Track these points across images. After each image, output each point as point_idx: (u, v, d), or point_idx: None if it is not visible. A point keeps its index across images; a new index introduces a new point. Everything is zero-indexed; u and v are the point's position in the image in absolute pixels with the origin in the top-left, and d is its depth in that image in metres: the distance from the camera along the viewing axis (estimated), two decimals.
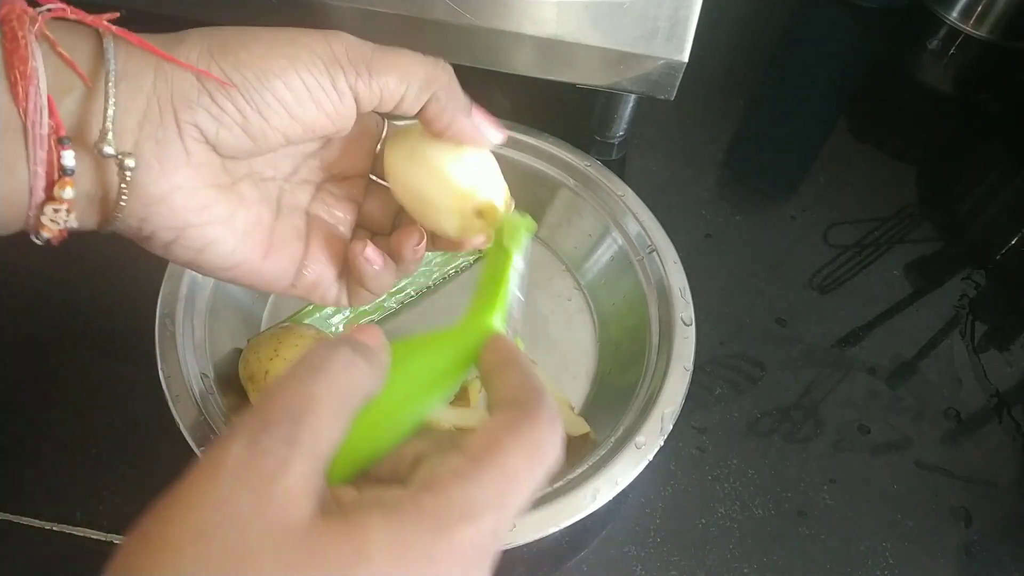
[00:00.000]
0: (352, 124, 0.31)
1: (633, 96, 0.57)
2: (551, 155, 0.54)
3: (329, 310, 0.49)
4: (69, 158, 0.26)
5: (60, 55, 0.26)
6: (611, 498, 0.38)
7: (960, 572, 0.45)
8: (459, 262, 0.53)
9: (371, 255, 0.32)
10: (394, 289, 0.51)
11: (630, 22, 0.45)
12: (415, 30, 0.48)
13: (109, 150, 0.26)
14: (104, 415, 0.46)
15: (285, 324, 0.46)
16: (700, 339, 0.45)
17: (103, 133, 0.26)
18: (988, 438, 0.50)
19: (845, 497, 0.46)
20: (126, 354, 0.47)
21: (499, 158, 0.57)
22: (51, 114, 0.25)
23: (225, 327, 0.47)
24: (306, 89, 0.29)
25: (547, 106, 0.60)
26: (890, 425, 0.50)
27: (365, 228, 0.36)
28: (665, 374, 0.43)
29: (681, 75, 0.48)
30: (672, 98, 0.50)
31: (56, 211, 0.26)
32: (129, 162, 0.27)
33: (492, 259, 0.31)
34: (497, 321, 0.29)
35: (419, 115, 0.32)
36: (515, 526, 0.22)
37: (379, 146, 0.35)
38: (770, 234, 0.60)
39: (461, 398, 0.47)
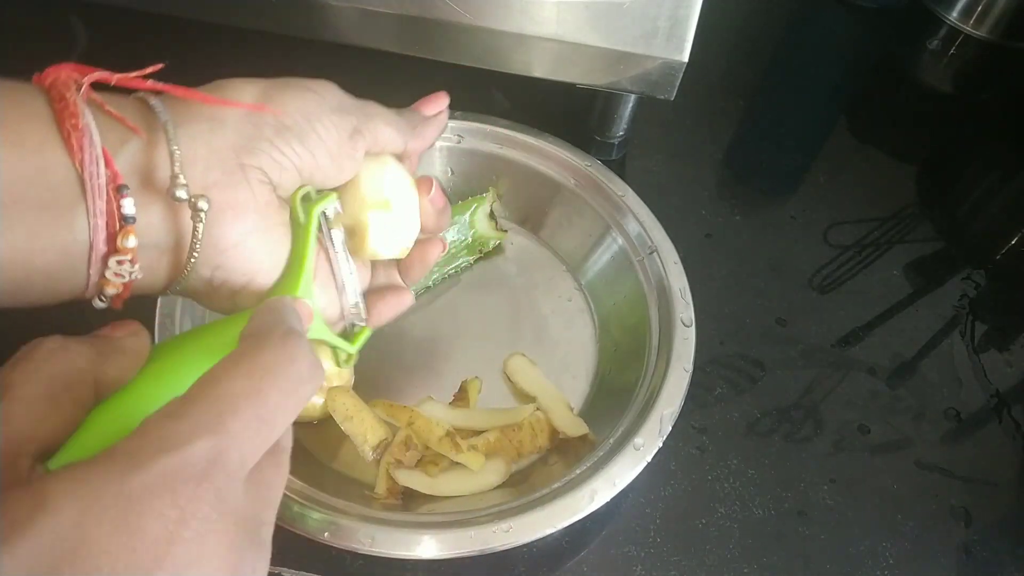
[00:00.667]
0: (352, 169, 0.34)
1: (633, 96, 0.57)
2: (552, 155, 0.54)
3: None
4: (129, 206, 0.25)
5: (109, 113, 0.26)
6: (609, 499, 0.38)
7: (960, 572, 0.45)
8: (459, 262, 0.53)
9: (406, 301, 0.38)
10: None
11: (630, 22, 0.45)
12: (415, 30, 0.48)
13: (182, 194, 0.26)
14: None
15: None
16: (700, 339, 0.45)
17: (174, 178, 0.26)
18: (988, 438, 0.50)
19: (845, 497, 0.47)
20: None
21: (501, 158, 0.58)
22: (107, 164, 0.25)
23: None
24: (336, 131, 0.31)
25: (547, 106, 0.60)
26: (890, 425, 0.50)
27: None
28: (665, 375, 0.43)
29: (681, 75, 0.48)
30: (672, 98, 0.50)
31: (120, 263, 0.26)
32: (203, 204, 0.26)
33: (293, 235, 0.31)
34: (300, 293, 0.29)
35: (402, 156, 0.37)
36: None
37: None
38: (770, 234, 0.60)
39: (460, 399, 0.47)
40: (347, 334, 0.36)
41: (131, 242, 0.26)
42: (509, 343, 0.50)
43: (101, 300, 0.27)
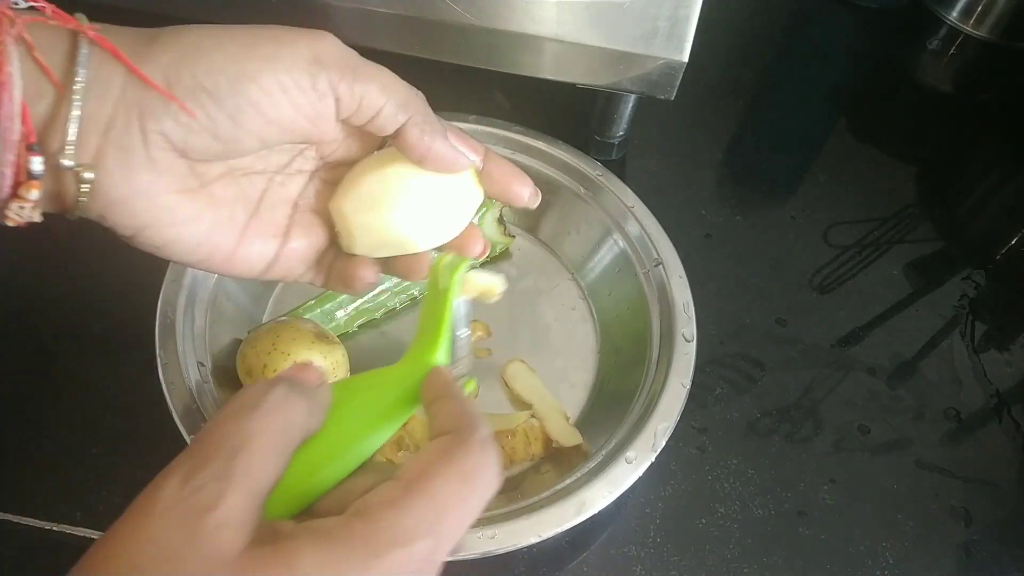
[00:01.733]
0: (331, 130, 0.31)
1: (633, 96, 0.57)
2: (562, 162, 0.54)
3: (331, 305, 0.49)
4: (37, 164, 0.26)
5: (36, 60, 0.26)
6: (597, 511, 0.38)
7: (960, 572, 0.45)
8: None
9: (369, 276, 0.34)
10: (397, 289, 0.51)
11: (630, 22, 0.45)
12: (415, 30, 0.48)
13: (68, 163, 0.27)
14: (104, 415, 0.46)
15: (284, 319, 0.46)
16: (700, 339, 0.45)
17: (62, 146, 0.26)
18: (988, 438, 0.50)
19: (845, 497, 0.46)
20: (126, 354, 0.47)
21: (512, 162, 0.57)
22: (23, 121, 0.26)
23: (226, 318, 0.47)
24: (282, 91, 0.28)
25: (547, 106, 0.60)
26: (890, 425, 0.50)
27: None
28: (662, 389, 0.43)
29: (681, 75, 0.48)
30: (672, 98, 0.50)
31: (21, 208, 0.27)
32: (87, 175, 0.27)
33: (430, 299, 0.32)
34: (439, 357, 0.29)
35: (397, 139, 0.31)
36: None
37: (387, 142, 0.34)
38: (770, 234, 0.60)
39: None
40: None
41: (33, 195, 0.27)
42: (509, 349, 0.50)
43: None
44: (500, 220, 0.54)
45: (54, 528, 0.41)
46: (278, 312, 0.50)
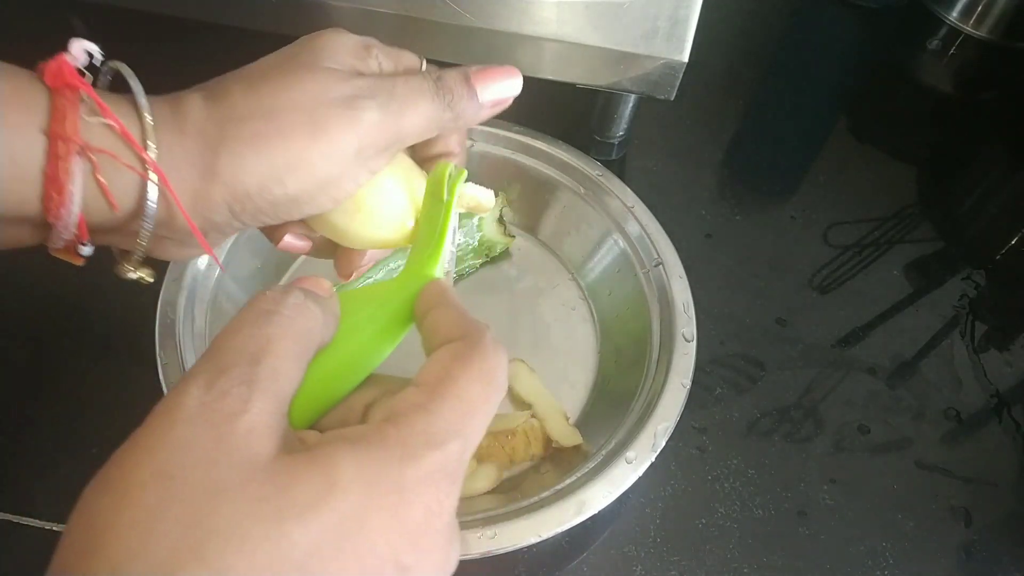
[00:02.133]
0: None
1: (633, 96, 0.57)
2: (563, 163, 0.54)
3: None
4: (88, 250, 0.27)
5: (99, 184, 0.26)
6: (596, 512, 0.38)
7: (960, 572, 0.45)
8: (465, 266, 0.53)
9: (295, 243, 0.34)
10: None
11: (630, 22, 0.45)
12: (415, 30, 0.48)
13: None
14: (104, 415, 0.46)
15: None
16: (700, 339, 0.45)
17: (124, 269, 0.29)
18: (988, 438, 0.50)
19: (845, 497, 0.47)
20: (126, 354, 0.47)
21: (513, 163, 0.58)
22: (79, 228, 0.26)
23: (226, 318, 0.46)
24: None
25: (547, 106, 0.60)
26: (890, 425, 0.50)
27: None
28: (662, 389, 0.42)
29: (681, 75, 0.48)
30: (672, 98, 0.50)
31: (66, 258, 0.28)
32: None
33: (429, 211, 0.31)
34: (437, 271, 0.29)
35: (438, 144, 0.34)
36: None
37: None
38: (770, 234, 0.60)
39: None
40: None
41: (80, 259, 0.28)
42: (510, 349, 0.49)
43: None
44: (500, 220, 0.54)
45: (54, 528, 0.41)
46: None
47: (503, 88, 0.32)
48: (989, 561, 0.45)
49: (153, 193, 0.26)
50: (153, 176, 0.26)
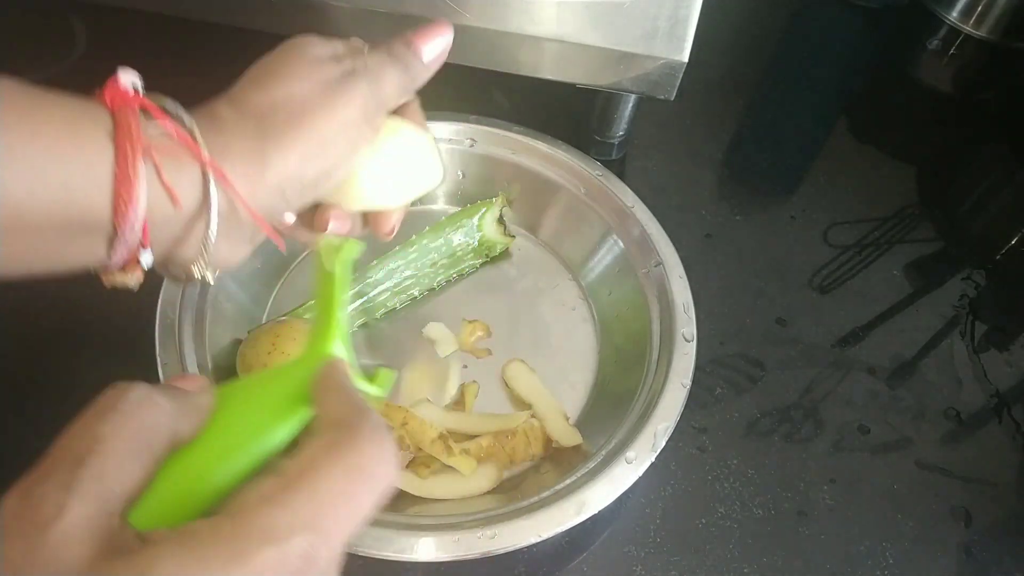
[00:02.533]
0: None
1: (633, 96, 0.57)
2: (563, 163, 0.54)
3: None
4: (147, 257, 0.28)
5: (164, 184, 0.27)
6: (596, 512, 0.38)
7: (960, 572, 0.45)
8: (465, 265, 0.53)
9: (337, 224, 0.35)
10: (398, 289, 0.51)
11: (630, 22, 0.45)
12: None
13: (202, 275, 0.30)
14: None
15: (283, 319, 0.46)
16: (700, 339, 0.45)
17: (195, 269, 0.30)
18: (988, 438, 0.50)
19: (845, 497, 0.47)
20: (126, 354, 0.47)
21: (513, 164, 0.58)
22: (143, 233, 0.27)
23: (226, 318, 0.47)
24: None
25: (547, 106, 0.60)
26: (890, 425, 0.50)
27: None
28: (662, 389, 0.42)
29: (681, 75, 0.48)
30: (672, 98, 0.50)
31: (123, 280, 0.29)
32: (210, 279, 0.31)
33: (320, 285, 0.31)
34: (336, 348, 0.28)
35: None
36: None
37: None
38: (770, 234, 0.60)
39: (457, 402, 0.47)
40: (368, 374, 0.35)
41: (134, 279, 0.29)
42: (509, 349, 0.50)
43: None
44: (500, 220, 0.54)
45: None
46: (278, 312, 0.50)
47: (438, 44, 0.35)
48: (989, 561, 0.45)
49: (214, 187, 0.28)
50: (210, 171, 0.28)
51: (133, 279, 0.29)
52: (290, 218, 0.34)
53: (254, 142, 0.29)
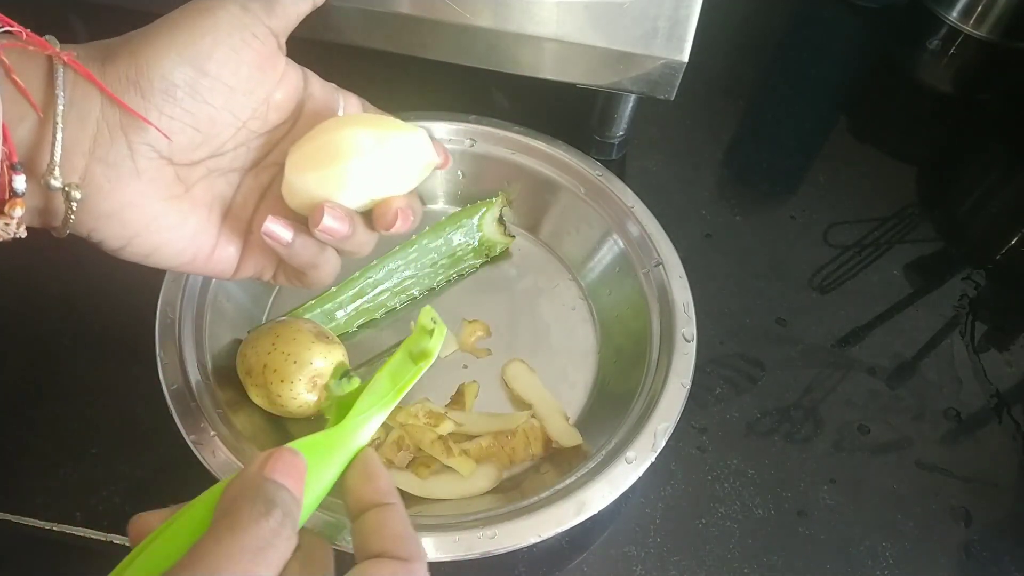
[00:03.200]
0: (281, 66, 0.32)
1: (633, 96, 0.57)
2: (563, 163, 0.54)
3: (331, 306, 0.49)
4: (20, 183, 0.27)
5: (15, 83, 0.26)
6: (596, 512, 0.38)
7: (960, 572, 0.45)
8: (465, 265, 0.53)
9: (272, 231, 0.32)
10: (398, 289, 0.51)
11: (630, 22, 0.45)
12: (415, 30, 0.48)
13: (56, 183, 0.27)
14: (104, 415, 0.46)
15: (283, 318, 0.46)
16: (700, 338, 0.45)
17: (50, 167, 0.27)
18: (988, 438, 0.50)
19: (845, 497, 0.47)
20: (126, 353, 0.47)
21: (513, 164, 0.58)
22: (5, 141, 0.26)
23: (226, 318, 0.47)
24: (235, 53, 0.29)
25: (547, 106, 0.60)
26: (890, 425, 0.50)
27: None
28: (662, 389, 0.42)
29: (681, 75, 0.48)
30: (672, 98, 0.50)
31: (6, 225, 0.27)
32: (76, 194, 0.28)
33: (399, 361, 0.32)
34: (368, 430, 0.30)
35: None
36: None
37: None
38: (770, 234, 0.60)
39: (456, 402, 0.47)
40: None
41: (17, 212, 0.27)
42: (509, 349, 0.50)
43: None
44: (500, 220, 0.54)
45: (54, 528, 0.41)
46: (278, 312, 0.50)
47: None
48: (989, 561, 0.45)
49: (61, 72, 0.27)
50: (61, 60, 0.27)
51: (15, 222, 0.27)
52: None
53: (112, 45, 0.29)
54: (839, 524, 0.45)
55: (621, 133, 0.61)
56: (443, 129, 0.54)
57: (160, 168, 0.30)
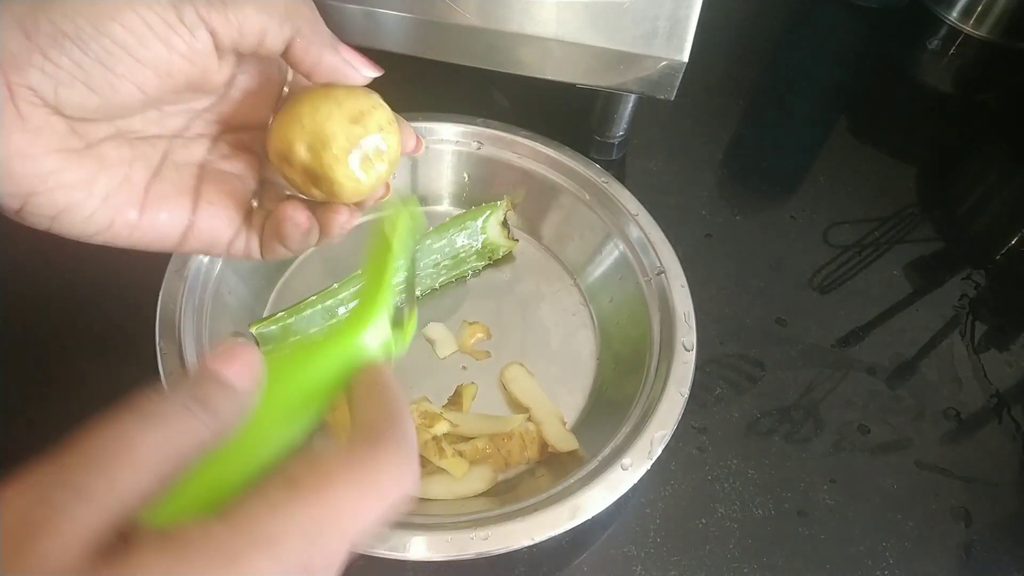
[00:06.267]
0: (215, 69, 0.29)
1: (633, 96, 0.57)
2: (568, 168, 0.54)
3: (332, 302, 0.49)
4: None
5: None
6: (589, 518, 0.38)
7: (960, 572, 0.45)
8: (467, 267, 0.53)
9: (299, 218, 0.31)
10: (399, 289, 0.51)
11: (630, 22, 0.45)
12: (416, 30, 0.48)
13: None
14: (103, 415, 0.46)
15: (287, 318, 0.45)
16: (700, 339, 0.45)
17: None
18: (988, 438, 0.50)
19: (845, 497, 0.46)
20: (126, 353, 0.47)
21: (518, 168, 0.58)
22: None
23: (227, 311, 0.47)
24: (147, 27, 0.26)
25: (547, 106, 0.60)
26: (890, 425, 0.50)
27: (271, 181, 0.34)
28: (660, 397, 0.42)
29: (681, 75, 0.48)
30: (672, 98, 0.50)
31: None
32: None
33: (375, 251, 0.29)
34: (381, 323, 0.27)
35: (285, 54, 0.29)
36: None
37: (285, 91, 0.33)
38: (770, 234, 0.60)
39: (454, 403, 0.47)
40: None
41: None
42: (509, 352, 0.50)
43: None
44: (504, 224, 0.54)
45: None
46: (280, 305, 0.50)
47: None
48: (989, 561, 0.45)
49: None
50: None
51: None
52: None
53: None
54: (839, 524, 0.45)
55: (621, 133, 0.61)
56: (451, 131, 0.54)
57: (46, 117, 0.27)
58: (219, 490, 0.22)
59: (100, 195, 0.29)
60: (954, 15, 0.79)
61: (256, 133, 0.33)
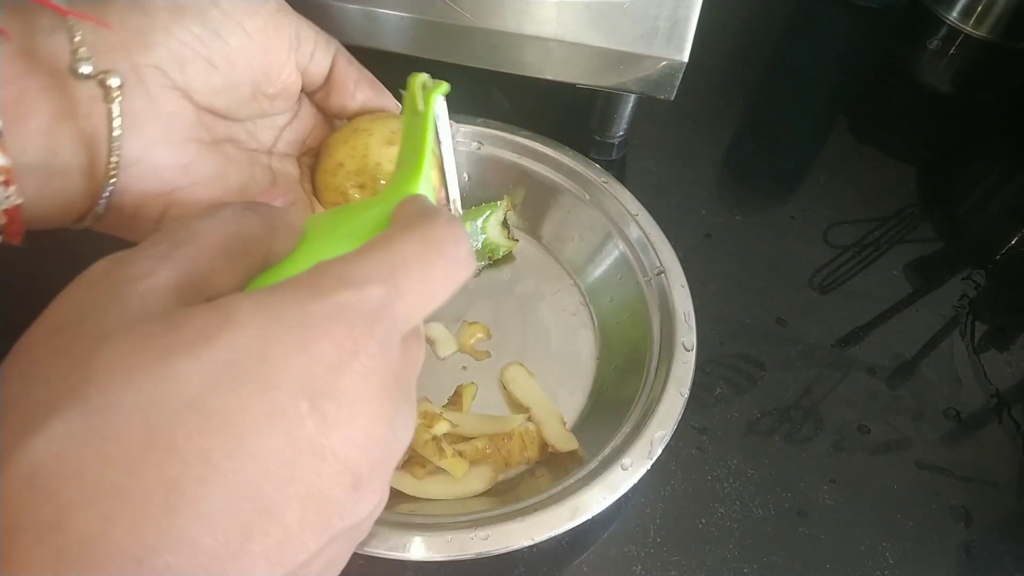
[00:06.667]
0: (286, 57, 0.30)
1: (633, 96, 0.57)
2: (568, 168, 0.54)
3: None
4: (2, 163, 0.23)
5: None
6: (589, 518, 0.38)
7: (960, 572, 0.45)
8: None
9: None
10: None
11: (630, 22, 0.45)
12: (416, 30, 0.48)
13: (87, 69, 0.23)
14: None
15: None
16: (700, 339, 0.45)
17: (75, 53, 0.23)
18: (988, 438, 0.50)
19: (845, 497, 0.46)
20: None
21: (519, 167, 0.58)
22: None
23: None
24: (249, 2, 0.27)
25: (547, 106, 0.60)
26: (890, 425, 0.50)
27: None
28: (660, 397, 0.42)
29: (681, 75, 0.48)
30: (672, 98, 0.50)
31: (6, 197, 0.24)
32: (113, 80, 0.23)
33: (408, 126, 0.29)
34: (421, 187, 0.26)
35: (333, 70, 0.31)
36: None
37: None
38: (770, 234, 0.60)
39: (454, 402, 0.47)
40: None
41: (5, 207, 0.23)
42: (509, 352, 0.50)
43: None
44: (504, 224, 0.54)
45: None
46: None
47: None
48: (989, 561, 0.45)
49: None
50: None
51: (2, 184, 0.23)
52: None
53: None
54: (839, 524, 0.45)
55: (621, 133, 0.61)
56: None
57: (178, 101, 0.26)
58: None
59: (236, 192, 0.29)
60: (954, 15, 0.79)
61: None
